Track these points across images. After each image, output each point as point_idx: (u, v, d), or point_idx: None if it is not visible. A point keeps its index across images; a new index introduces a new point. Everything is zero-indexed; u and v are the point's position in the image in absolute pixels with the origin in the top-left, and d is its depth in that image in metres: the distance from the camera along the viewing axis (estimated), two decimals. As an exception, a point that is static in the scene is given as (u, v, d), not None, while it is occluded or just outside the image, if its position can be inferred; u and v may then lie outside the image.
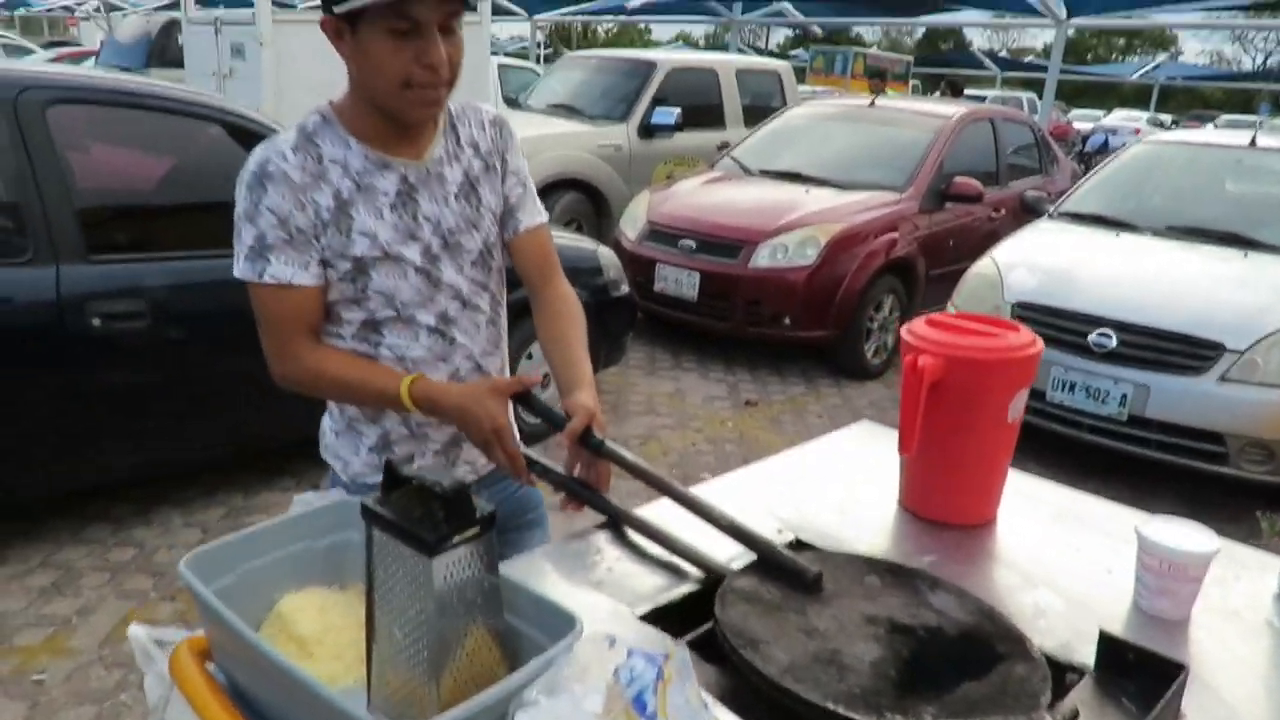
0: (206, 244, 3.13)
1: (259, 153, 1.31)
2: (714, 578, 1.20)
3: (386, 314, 1.38)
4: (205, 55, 9.83)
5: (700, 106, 8.19)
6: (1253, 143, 5.14)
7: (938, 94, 9.11)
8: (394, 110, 1.30)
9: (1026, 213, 5.58)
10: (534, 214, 1.51)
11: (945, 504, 1.43)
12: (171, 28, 11.17)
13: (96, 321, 2.83)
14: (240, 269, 1.32)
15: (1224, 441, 3.70)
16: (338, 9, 1.23)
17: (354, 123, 1.34)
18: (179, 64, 10.35)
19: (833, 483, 1.57)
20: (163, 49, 11.13)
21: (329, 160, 1.32)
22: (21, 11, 25.90)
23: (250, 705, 0.94)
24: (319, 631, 1.01)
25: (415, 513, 0.88)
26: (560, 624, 0.90)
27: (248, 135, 3.33)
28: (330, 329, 1.40)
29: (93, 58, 12.72)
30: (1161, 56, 35.82)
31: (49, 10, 25.53)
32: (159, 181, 3.42)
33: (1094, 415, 3.93)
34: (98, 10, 21.15)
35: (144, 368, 3.03)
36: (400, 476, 0.90)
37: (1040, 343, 1.40)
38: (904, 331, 1.42)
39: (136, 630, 1.01)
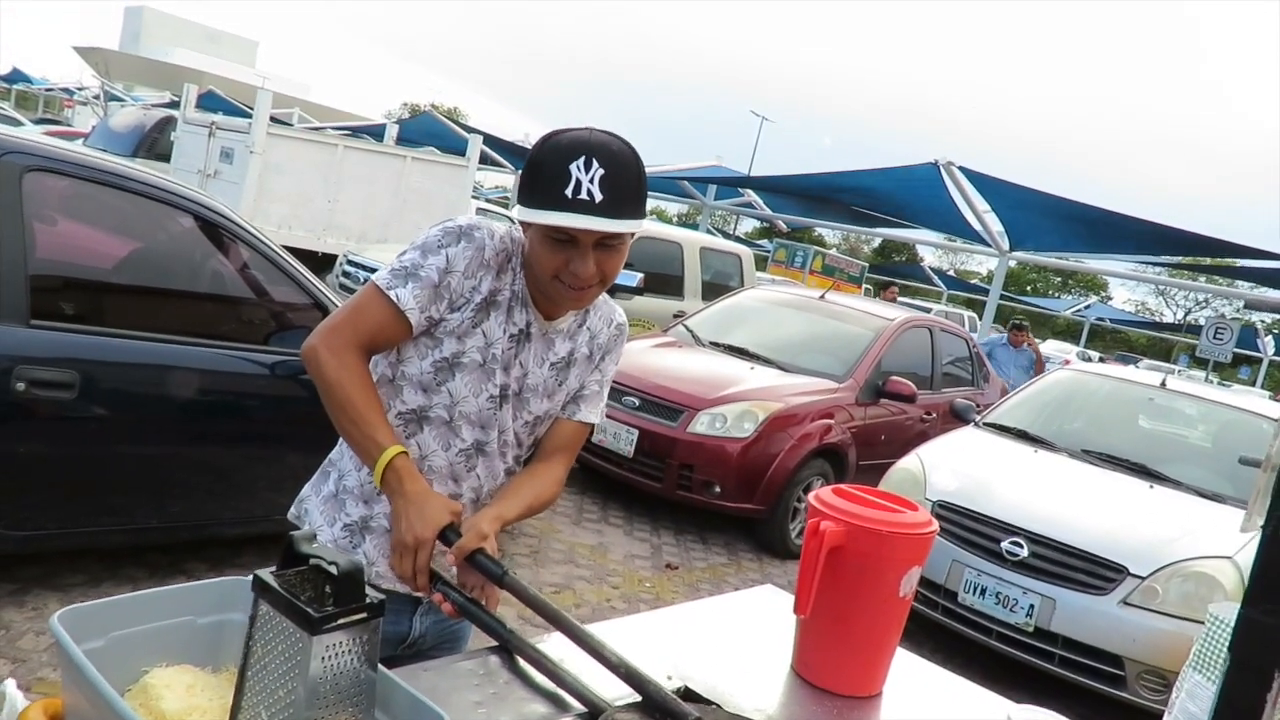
0: (155, 327, 3.15)
1: (475, 219, 1.45)
2: (595, 713, 1.19)
3: (440, 414, 1.47)
4: (194, 154, 10.10)
5: (663, 275, 8.55)
6: (1163, 384, 5.51)
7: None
8: (546, 293, 1.46)
9: (955, 418, 5.82)
10: (592, 413, 1.63)
11: (834, 672, 1.45)
12: (166, 124, 11.50)
13: (20, 386, 2.78)
14: (380, 275, 1.42)
15: (1122, 665, 3.76)
16: (515, 216, 1.40)
17: (527, 258, 1.47)
18: (166, 159, 10.60)
19: (729, 639, 1.59)
20: (153, 142, 11.40)
21: (510, 266, 1.46)
22: (20, 86, 26.40)
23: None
24: (182, 710, 0.98)
25: (306, 591, 0.88)
26: (430, 727, 0.90)
27: (220, 231, 3.42)
28: (384, 399, 1.46)
29: (81, 139, 12.95)
30: (1093, 299, 38.48)
31: (48, 89, 26.07)
32: (120, 260, 3.45)
33: (1002, 623, 3.98)
34: (97, 98, 21.68)
35: (64, 440, 2.96)
36: (299, 554, 0.91)
37: (936, 525, 1.48)
38: (811, 497, 1.48)
39: (9, 685, 0.97)
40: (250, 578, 0.93)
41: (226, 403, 3.38)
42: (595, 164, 1.32)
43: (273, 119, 9.92)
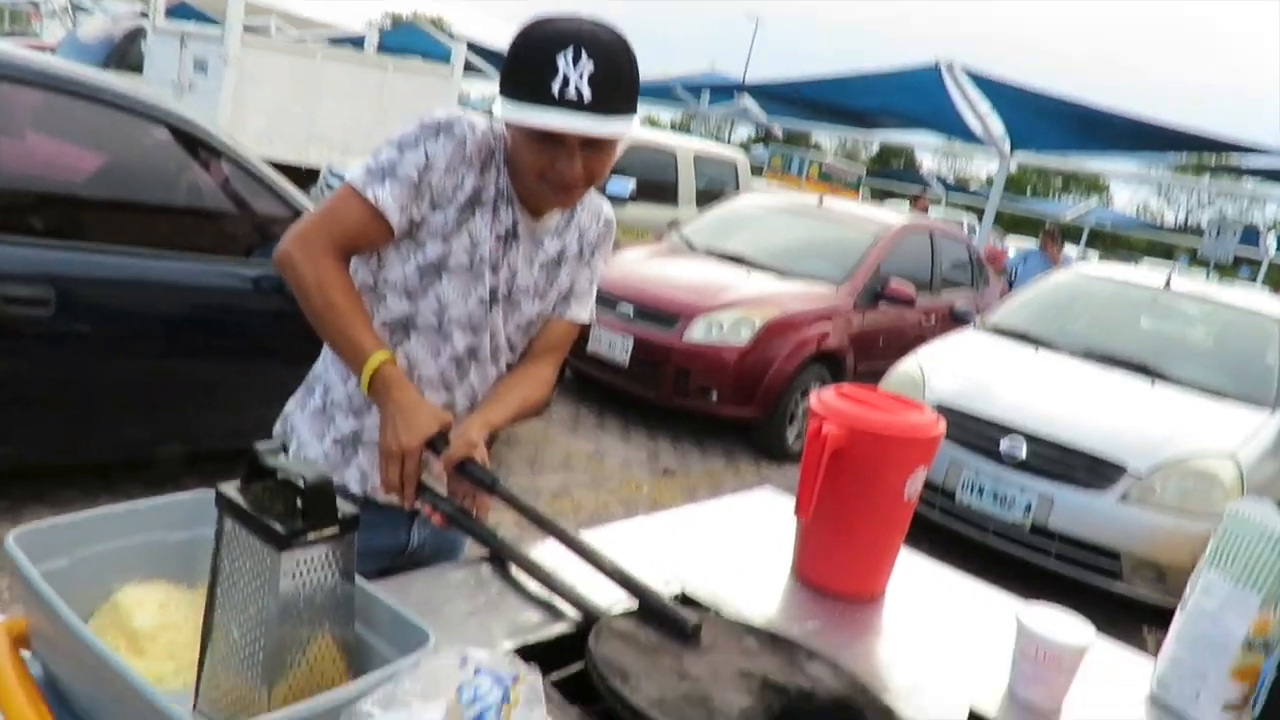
0: (133, 241, 3.06)
1: (454, 112, 1.35)
2: (591, 620, 1.15)
3: (429, 320, 1.39)
4: (167, 65, 9.74)
5: (656, 182, 8.35)
6: (1167, 284, 5.43)
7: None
8: (531, 191, 1.36)
9: (955, 322, 5.76)
10: (582, 311, 1.54)
11: (835, 575, 1.41)
12: (136, 34, 11.06)
13: (-7, 302, 2.69)
14: (354, 174, 1.32)
15: (1119, 559, 3.79)
16: (497, 113, 1.29)
17: (510, 155, 1.37)
18: (138, 69, 10.22)
19: (728, 543, 1.55)
20: (124, 53, 11.00)
21: (494, 162, 1.36)
22: (-14, 1, 25.38)
23: (64, 700, 0.86)
24: (155, 628, 0.94)
25: (274, 506, 0.83)
26: (413, 640, 0.85)
27: (196, 143, 3.29)
28: (367, 307, 1.38)
29: (50, 52, 12.49)
30: (1094, 200, 37.96)
31: (14, 2, 25.08)
32: (94, 174, 3.32)
33: (999, 520, 4.00)
34: (65, 9, 20.86)
35: (43, 357, 2.89)
36: (264, 467, 0.85)
37: (943, 425, 1.42)
38: (813, 398, 1.42)
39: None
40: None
41: (210, 317, 3.31)
42: (585, 57, 1.21)
43: (248, 29, 9.54)
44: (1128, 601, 3.85)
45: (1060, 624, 1.19)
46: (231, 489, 0.83)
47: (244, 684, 0.81)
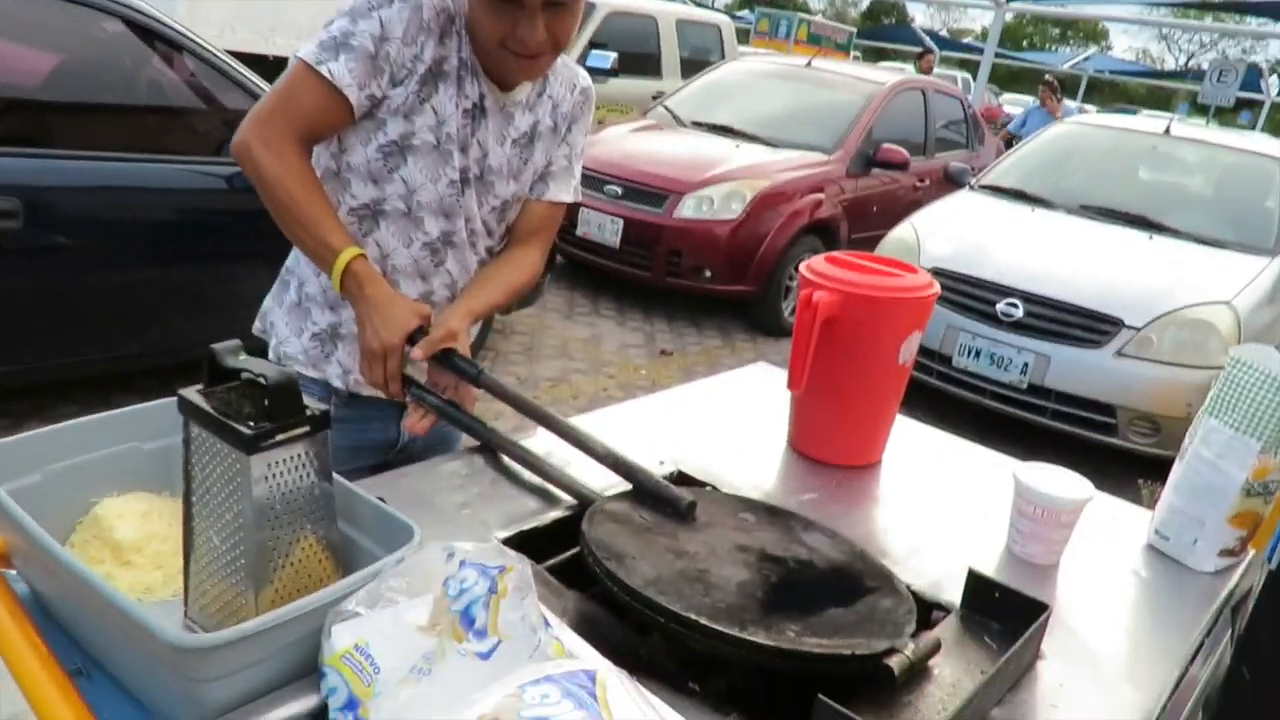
0: (99, 145, 2.94)
1: None
2: (585, 505, 1.14)
3: (397, 205, 1.33)
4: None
5: (638, 54, 8.02)
6: (1167, 130, 5.28)
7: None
8: (494, 62, 1.27)
9: (950, 183, 5.64)
10: (563, 190, 1.46)
11: (831, 444, 1.40)
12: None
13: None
14: (306, 49, 1.23)
15: (1114, 413, 3.82)
16: None
17: (469, 24, 1.27)
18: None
19: (722, 420, 1.53)
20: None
21: (454, 30, 1.28)
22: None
23: (50, 615, 0.85)
24: (139, 539, 0.92)
25: (240, 408, 0.79)
26: (400, 536, 0.83)
27: (155, 37, 3.12)
28: (332, 196, 1.31)
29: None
30: (1092, 49, 36.72)
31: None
32: (48, 76, 3.16)
33: (996, 382, 4.02)
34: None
35: (18, 271, 2.82)
36: (225, 368, 0.81)
37: (937, 286, 1.38)
38: (803, 267, 1.37)
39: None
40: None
41: (186, 220, 3.22)
42: None
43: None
44: (1123, 456, 3.91)
45: (1058, 480, 1.18)
46: (194, 393, 0.79)
47: (230, 590, 0.80)
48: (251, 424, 0.76)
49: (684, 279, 5.20)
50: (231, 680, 0.70)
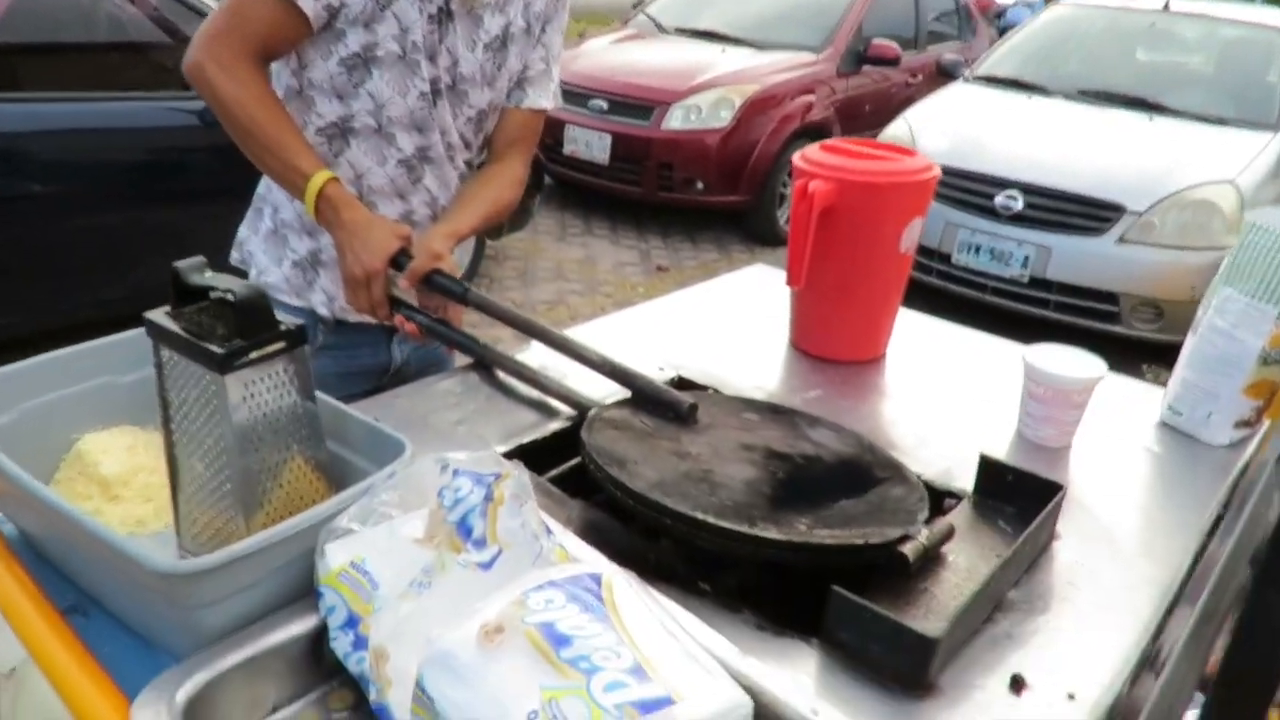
0: (62, 85, 2.84)
1: None
2: (584, 414, 1.11)
3: (366, 122, 1.25)
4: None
5: (614, -40, 7.72)
6: (1166, 6, 5.09)
7: None
8: None
9: (943, 77, 5.48)
10: (542, 97, 1.38)
11: (834, 339, 1.36)
12: None
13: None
14: None
15: (1117, 301, 3.78)
16: None
17: None
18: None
19: (721, 323, 1.49)
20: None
21: None
22: None
23: (40, 553, 0.83)
24: (126, 472, 0.89)
25: (212, 328, 0.75)
26: (392, 452, 0.80)
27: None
28: (296, 116, 1.24)
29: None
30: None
31: None
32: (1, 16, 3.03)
33: (997, 277, 3.97)
34: None
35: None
36: (192, 286, 0.76)
37: (937, 169, 1.32)
38: (797, 157, 1.31)
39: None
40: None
41: (159, 159, 3.13)
42: None
43: None
44: (1126, 343, 3.88)
45: (1068, 359, 1.14)
46: (161, 315, 0.75)
47: (220, 516, 0.77)
48: (224, 343, 0.72)
49: (676, 193, 5.10)
50: (226, 605, 0.68)
